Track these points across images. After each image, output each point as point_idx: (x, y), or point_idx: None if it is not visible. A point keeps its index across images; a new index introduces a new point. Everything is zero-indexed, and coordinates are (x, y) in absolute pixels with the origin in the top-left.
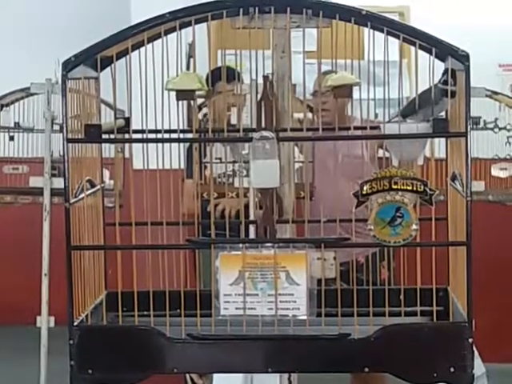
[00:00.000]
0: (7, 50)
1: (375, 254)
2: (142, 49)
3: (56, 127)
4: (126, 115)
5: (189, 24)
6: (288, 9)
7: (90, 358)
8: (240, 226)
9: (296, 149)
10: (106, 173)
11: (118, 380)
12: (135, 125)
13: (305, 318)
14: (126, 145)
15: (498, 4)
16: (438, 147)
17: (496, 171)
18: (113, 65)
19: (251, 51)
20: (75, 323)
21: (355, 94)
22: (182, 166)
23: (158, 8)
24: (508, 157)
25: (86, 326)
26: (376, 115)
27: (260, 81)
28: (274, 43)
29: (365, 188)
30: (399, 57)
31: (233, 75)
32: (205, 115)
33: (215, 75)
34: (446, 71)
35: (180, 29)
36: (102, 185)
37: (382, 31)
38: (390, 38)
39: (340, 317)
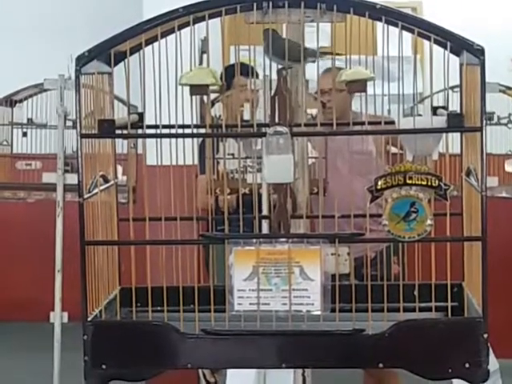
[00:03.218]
0: (20, 45)
1: (387, 249)
2: (156, 44)
3: (69, 123)
4: (140, 110)
5: (202, 19)
6: (302, 3)
7: (104, 353)
8: (253, 220)
9: (309, 144)
10: (119, 169)
11: (132, 375)
12: (148, 120)
13: (319, 313)
14: (140, 141)
15: None
16: (452, 142)
17: (510, 167)
18: (126, 60)
19: None
20: (89, 319)
21: (369, 90)
22: (196, 162)
23: (170, 3)
24: None
25: (100, 321)
26: (389, 111)
27: (273, 76)
28: (287, 38)
29: (379, 183)
30: (414, 52)
31: (247, 71)
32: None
33: (231, 72)
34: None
35: (193, 23)
36: (116, 180)
37: (396, 25)
38: (404, 34)
39: (354, 312)
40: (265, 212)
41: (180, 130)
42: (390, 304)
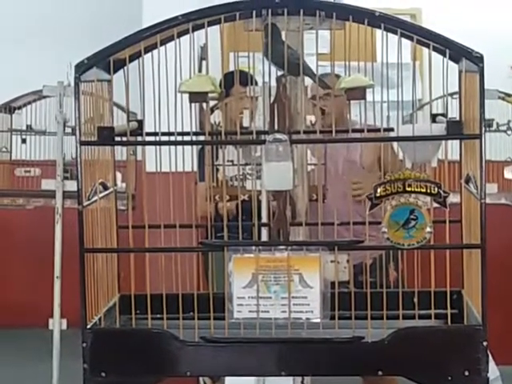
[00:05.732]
0: (19, 52)
1: (385, 256)
2: (155, 51)
3: (68, 130)
4: (139, 118)
5: (201, 26)
6: (301, 11)
7: (103, 360)
8: (253, 227)
9: (309, 151)
10: (119, 176)
11: (131, 383)
12: (148, 127)
13: (318, 320)
14: (139, 147)
15: (509, 6)
16: (452, 149)
17: (509, 174)
18: (126, 67)
19: None
20: (88, 326)
21: (368, 97)
22: (195, 169)
23: (170, 10)
24: None
25: (99, 328)
26: (388, 118)
27: (273, 83)
28: (287, 44)
29: (378, 190)
30: (413, 59)
31: (246, 78)
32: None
33: (229, 79)
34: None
35: (193, 31)
36: (115, 187)
37: (395, 33)
38: (403, 40)
39: (354, 320)
40: (264, 219)
41: (179, 138)
42: (390, 311)
